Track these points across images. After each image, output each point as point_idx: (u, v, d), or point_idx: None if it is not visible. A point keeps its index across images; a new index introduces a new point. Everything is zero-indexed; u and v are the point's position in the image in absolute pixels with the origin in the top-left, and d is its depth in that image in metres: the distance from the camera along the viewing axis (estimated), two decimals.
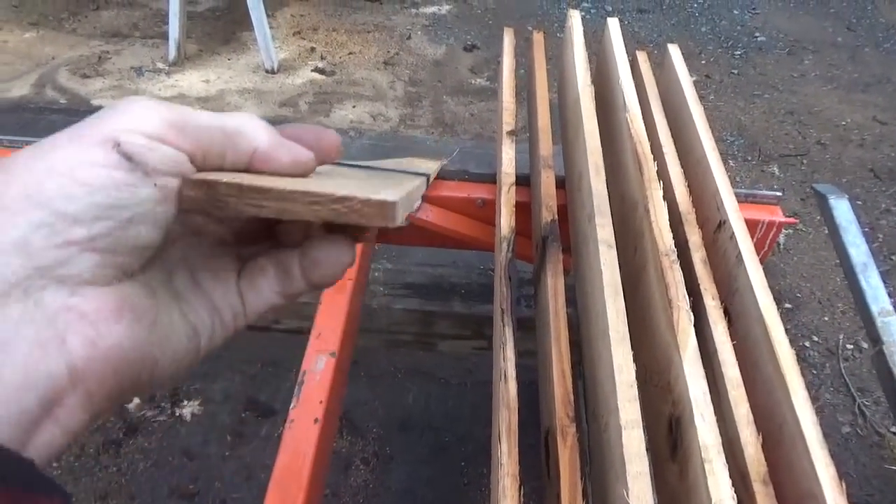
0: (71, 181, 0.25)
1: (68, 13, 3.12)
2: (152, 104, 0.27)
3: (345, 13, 3.34)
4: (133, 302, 0.27)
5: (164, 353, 0.29)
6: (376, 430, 1.45)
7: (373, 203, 0.28)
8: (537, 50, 1.03)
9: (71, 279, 0.25)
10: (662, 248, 0.61)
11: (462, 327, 1.09)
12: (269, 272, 0.34)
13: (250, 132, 0.30)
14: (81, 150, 0.25)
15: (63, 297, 0.25)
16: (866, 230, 2.12)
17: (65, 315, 0.25)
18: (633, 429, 0.47)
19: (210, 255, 0.34)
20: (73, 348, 0.25)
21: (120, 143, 0.26)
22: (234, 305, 0.34)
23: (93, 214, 0.25)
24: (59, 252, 0.24)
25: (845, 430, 1.53)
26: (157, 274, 0.30)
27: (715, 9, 3.72)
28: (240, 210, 0.28)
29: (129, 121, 0.26)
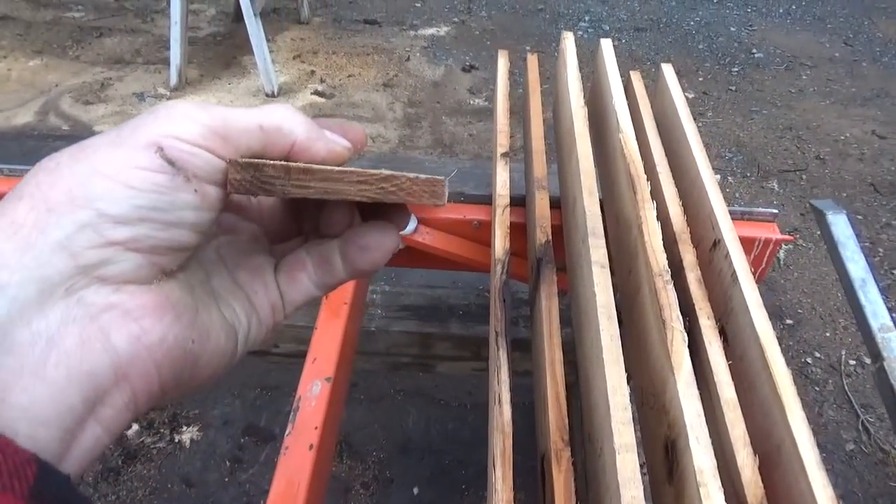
0: (115, 183, 0.25)
1: (72, 41, 3.16)
2: (193, 109, 0.28)
3: (344, 36, 3.37)
4: (174, 299, 0.28)
5: (205, 350, 0.29)
6: (376, 454, 1.44)
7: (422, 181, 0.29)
8: (531, 71, 1.04)
9: (113, 278, 0.26)
10: (656, 268, 0.61)
11: (461, 349, 1.09)
12: (307, 265, 0.35)
13: (287, 126, 0.30)
14: (125, 153, 0.26)
15: (106, 295, 0.25)
16: (867, 245, 2.13)
17: (108, 312, 0.25)
18: (628, 452, 0.47)
19: (246, 252, 0.34)
20: (117, 344, 0.25)
21: (163, 148, 0.26)
22: (273, 300, 0.34)
23: (136, 216, 0.25)
24: (102, 252, 0.25)
25: (849, 448, 1.51)
26: (195, 273, 0.31)
27: (712, 26, 3.75)
28: (286, 191, 0.28)
29: (171, 126, 0.27)
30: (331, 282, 0.35)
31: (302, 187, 0.28)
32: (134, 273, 0.26)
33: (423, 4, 3.79)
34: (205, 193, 0.27)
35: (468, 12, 3.75)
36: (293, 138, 0.30)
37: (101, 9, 3.48)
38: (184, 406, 1.51)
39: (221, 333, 0.31)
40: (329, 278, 0.35)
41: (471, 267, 0.95)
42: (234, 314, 0.32)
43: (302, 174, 0.28)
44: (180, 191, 0.27)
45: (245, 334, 0.33)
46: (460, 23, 3.62)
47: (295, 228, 0.37)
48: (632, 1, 4.02)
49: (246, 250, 0.34)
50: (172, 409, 1.50)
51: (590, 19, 3.75)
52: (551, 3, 3.91)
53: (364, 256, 0.34)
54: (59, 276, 0.24)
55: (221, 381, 1.53)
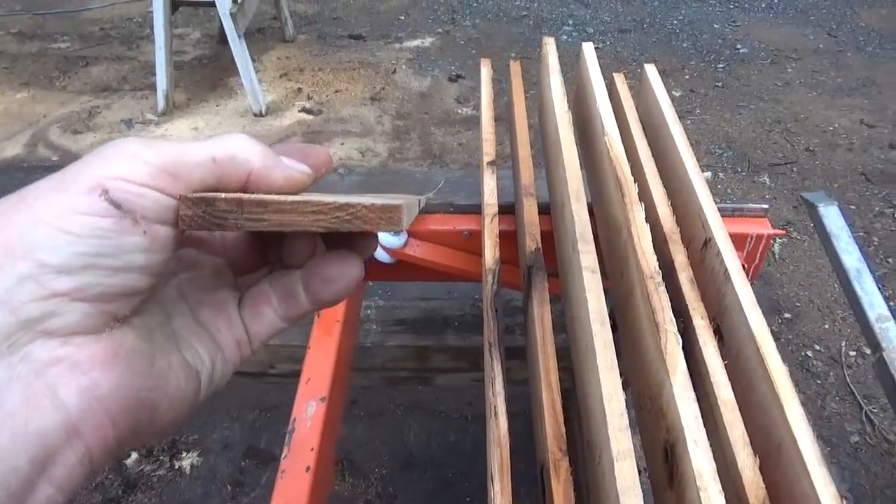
0: (56, 231, 0.24)
1: (59, 71, 3.16)
2: (140, 148, 0.27)
3: (329, 52, 3.38)
4: (127, 347, 0.27)
5: (163, 397, 0.28)
6: (378, 471, 1.43)
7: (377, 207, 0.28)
8: (515, 78, 1.04)
9: (59, 330, 0.24)
10: (647, 270, 0.61)
11: (458, 360, 1.08)
12: (271, 298, 0.34)
13: (242, 156, 0.30)
14: (67, 198, 0.25)
15: (52, 349, 0.24)
16: (861, 234, 2.13)
17: (55, 367, 0.24)
18: (626, 460, 0.46)
19: (208, 288, 0.33)
20: (66, 400, 0.24)
21: (108, 191, 0.25)
22: (238, 336, 0.33)
23: (79, 264, 0.24)
24: (45, 304, 0.24)
25: (854, 440, 1.50)
26: (154, 316, 0.30)
27: (695, 24, 3.77)
28: (240, 225, 0.27)
29: (117, 167, 0.26)
30: (295, 314, 0.34)
31: (256, 220, 0.27)
32: (81, 323, 0.25)
33: (406, 17, 3.81)
34: (155, 235, 0.26)
35: (452, 22, 3.76)
36: (249, 167, 0.30)
37: (86, 38, 3.49)
38: (182, 431, 1.49)
39: (181, 377, 0.30)
40: (293, 310, 0.34)
41: (464, 277, 0.94)
42: (197, 356, 0.31)
43: (255, 207, 0.27)
44: (128, 234, 0.25)
45: (209, 375, 0.32)
46: (445, 33, 3.63)
47: (260, 259, 0.36)
48: (614, 3, 4.04)
49: (209, 286, 0.33)
50: (171, 435, 1.48)
51: (573, 23, 3.76)
52: (534, 9, 3.93)
53: (327, 288, 0.33)
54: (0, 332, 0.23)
55: (219, 404, 1.52)
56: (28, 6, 3.79)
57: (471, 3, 4.00)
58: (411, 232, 0.90)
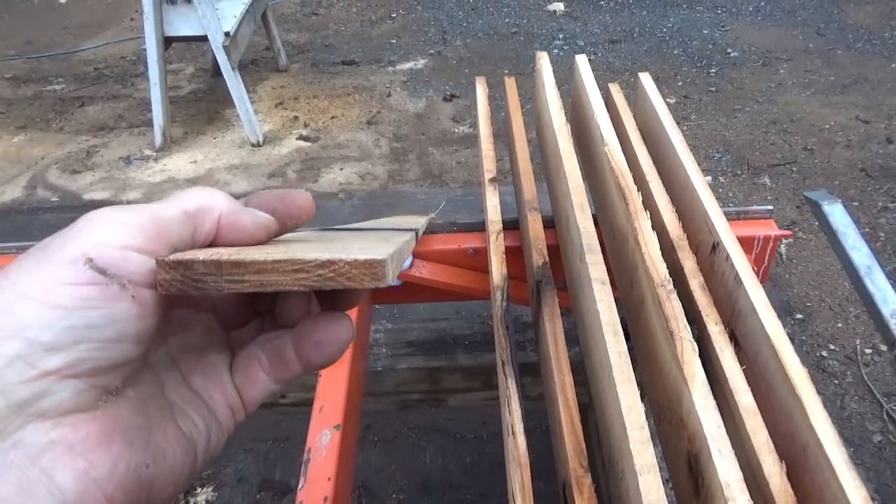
0: (44, 306, 0.23)
1: (55, 113, 3.18)
2: (116, 213, 0.26)
3: (324, 79, 3.40)
4: (123, 422, 0.26)
5: (161, 472, 0.27)
6: (396, 496, 1.41)
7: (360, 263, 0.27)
8: (510, 94, 1.04)
9: (52, 411, 0.24)
10: (657, 279, 0.60)
11: (471, 379, 1.07)
12: (263, 360, 0.33)
13: (208, 204, 0.30)
14: (51, 271, 0.24)
15: (45, 432, 0.23)
16: (867, 230, 2.12)
17: (50, 451, 0.23)
18: (650, 473, 0.45)
19: (199, 351, 0.33)
20: (62, 485, 0.23)
21: (92, 259, 0.24)
22: (231, 402, 0.32)
23: (70, 339, 0.24)
24: (36, 385, 0.23)
25: (877, 440, 1.48)
26: (147, 386, 0.29)
27: (685, 31, 3.79)
28: (220, 288, 0.26)
29: (97, 234, 0.25)
30: (287, 376, 0.33)
31: (236, 282, 0.26)
32: (74, 401, 0.24)
33: (398, 40, 3.84)
34: (143, 299, 0.26)
35: (443, 43, 3.79)
36: (217, 214, 0.30)
37: (80, 79, 3.52)
38: None
39: (178, 450, 0.29)
40: (285, 373, 0.33)
41: (471, 296, 0.94)
42: (192, 424, 0.30)
43: (234, 268, 0.26)
44: (116, 301, 0.25)
45: (205, 444, 0.31)
46: (437, 54, 3.66)
47: (250, 312, 0.35)
48: (603, 15, 4.07)
49: (199, 348, 0.32)
50: None
51: (564, 37, 3.79)
52: (524, 26, 3.96)
53: (318, 352, 0.32)
54: None
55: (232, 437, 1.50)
56: (22, 51, 3.83)
57: (461, 23, 4.04)
58: (416, 253, 0.90)
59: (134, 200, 2.56)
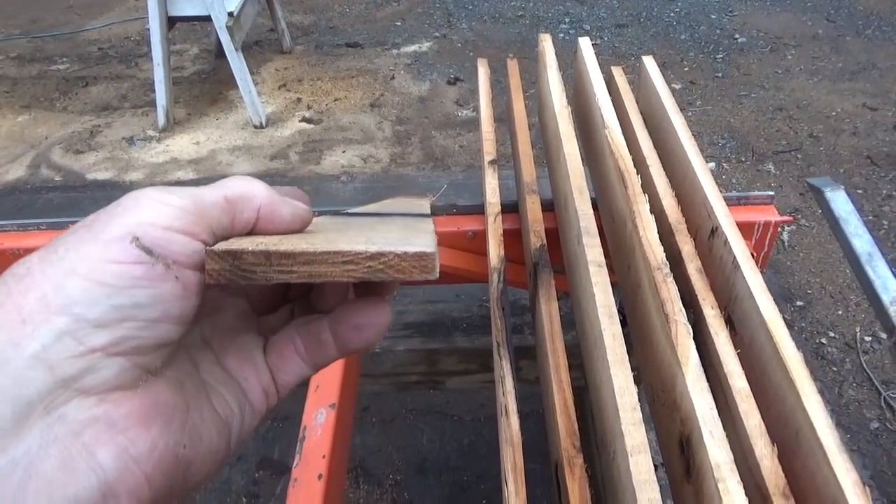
0: (91, 283, 0.24)
1: (59, 93, 3.18)
2: (161, 194, 0.26)
3: (328, 61, 3.38)
4: (162, 402, 0.26)
5: (197, 453, 0.28)
6: (393, 477, 1.42)
7: (410, 256, 0.27)
8: (512, 77, 1.03)
9: (96, 388, 0.24)
10: (654, 262, 0.60)
11: (468, 362, 1.08)
12: (298, 344, 0.33)
13: (249, 193, 0.30)
14: (99, 248, 0.24)
15: (88, 408, 0.23)
16: (870, 218, 2.11)
17: (92, 427, 0.23)
18: (641, 454, 0.45)
19: (233, 333, 0.33)
20: (103, 462, 0.23)
21: (139, 237, 0.25)
22: (265, 385, 0.32)
23: (116, 317, 0.24)
24: (82, 361, 0.23)
25: (874, 426, 1.48)
26: (182, 366, 0.29)
27: (692, 16, 3.76)
28: (269, 278, 0.26)
29: (143, 213, 0.25)
30: (322, 361, 0.34)
31: (285, 273, 0.26)
32: (117, 379, 0.24)
33: (403, 23, 3.81)
34: (186, 280, 0.26)
35: (448, 26, 3.76)
36: (257, 203, 0.30)
37: (85, 59, 3.51)
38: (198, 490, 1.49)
39: (214, 432, 0.29)
40: (321, 358, 0.33)
41: (470, 278, 0.94)
42: (227, 406, 0.30)
43: (284, 259, 0.26)
44: (161, 281, 0.25)
45: (238, 427, 0.31)
46: (442, 37, 3.63)
47: (281, 298, 0.35)
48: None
49: (233, 330, 0.33)
50: None
51: (570, 20, 3.76)
52: (531, 9, 3.93)
53: (357, 336, 0.32)
54: (37, 393, 0.22)
55: None
56: (27, 30, 3.81)
57: (466, 6, 4.00)
58: None
59: (137, 181, 2.56)
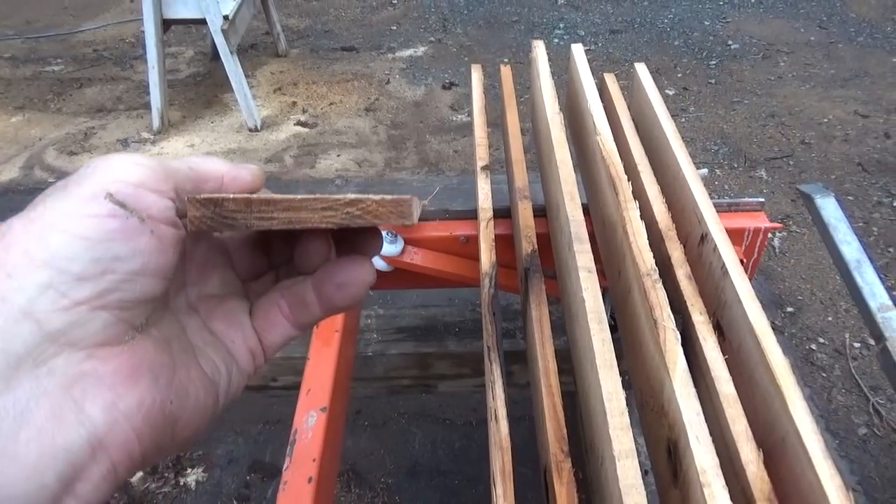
0: (71, 237, 0.24)
1: (53, 94, 3.17)
2: (130, 156, 0.28)
3: (323, 65, 3.39)
4: (149, 359, 0.27)
5: (185, 409, 0.29)
6: (384, 480, 1.42)
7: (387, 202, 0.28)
8: (506, 83, 1.04)
9: (83, 342, 0.25)
10: (643, 268, 0.60)
11: (460, 366, 1.08)
12: (282, 305, 0.34)
13: (212, 165, 0.31)
14: (75, 204, 0.25)
15: (77, 363, 0.24)
16: (860, 225, 2.12)
17: (81, 381, 0.24)
18: (627, 458, 0.46)
19: (218, 299, 0.34)
20: (93, 415, 0.24)
21: (112, 193, 0.26)
22: (251, 346, 0.34)
23: (98, 270, 0.25)
24: (68, 314, 0.24)
25: (862, 432, 1.49)
26: (170, 328, 0.30)
27: (686, 22, 3.78)
28: (249, 224, 0.27)
29: (114, 173, 0.26)
30: (307, 320, 0.35)
31: (265, 219, 0.27)
32: (103, 333, 0.25)
33: (398, 27, 3.82)
34: (162, 235, 0.27)
35: (444, 31, 3.77)
36: (221, 172, 0.31)
37: (79, 60, 3.50)
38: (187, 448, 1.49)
39: (201, 389, 0.30)
40: (305, 317, 0.34)
41: (462, 283, 0.94)
42: (214, 366, 0.31)
43: (264, 205, 0.27)
44: (137, 234, 0.26)
45: (226, 386, 0.32)
46: (437, 42, 3.64)
47: (265, 264, 0.36)
48: (604, 4, 4.05)
49: (218, 296, 0.34)
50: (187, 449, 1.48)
51: (564, 26, 3.77)
52: (525, 15, 3.94)
53: (340, 293, 0.33)
54: (25, 346, 0.23)
55: (223, 419, 1.51)
56: (21, 31, 3.80)
57: (462, 11, 4.02)
58: (408, 239, 0.90)
59: None
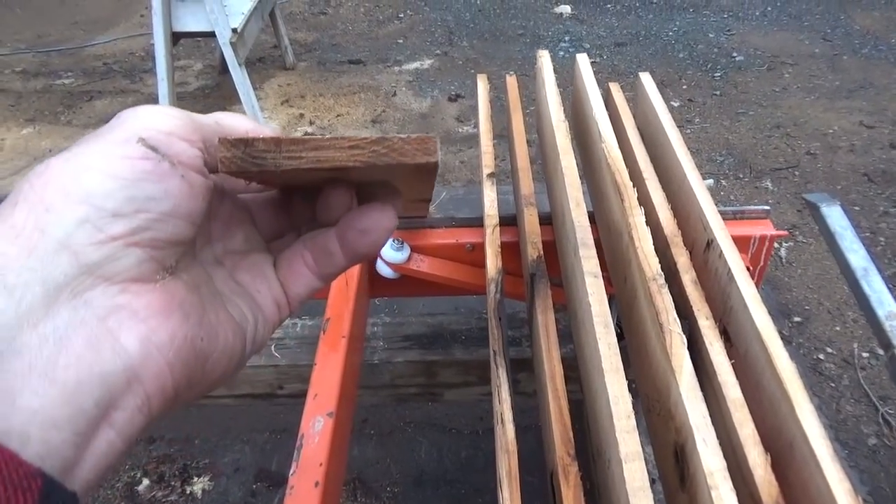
0: (106, 176, 0.25)
1: (63, 107, 3.20)
2: (159, 107, 0.29)
3: (330, 77, 3.41)
4: (180, 298, 0.28)
5: (214, 348, 0.29)
6: (390, 489, 1.41)
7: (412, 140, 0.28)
8: (511, 93, 1.05)
9: (118, 276, 0.25)
10: (649, 273, 0.61)
11: (467, 374, 1.08)
12: (306, 256, 0.35)
13: (238, 121, 0.32)
14: (110, 146, 0.26)
15: (112, 296, 0.25)
16: (867, 235, 2.11)
17: (116, 314, 0.25)
18: (634, 461, 0.46)
19: (242, 253, 0.35)
20: (127, 346, 0.25)
21: (144, 138, 0.27)
22: (276, 297, 0.35)
23: (132, 208, 0.25)
24: (104, 249, 0.25)
25: (872, 442, 1.48)
26: (198, 274, 0.31)
27: (691, 35, 3.79)
28: (278, 164, 0.28)
29: (146, 120, 0.27)
30: (331, 270, 0.36)
31: (294, 158, 0.28)
32: (137, 269, 0.26)
33: (405, 40, 3.85)
34: (192, 180, 0.28)
35: (450, 44, 3.80)
36: (246, 128, 0.32)
37: (90, 73, 3.54)
38: (194, 457, 1.49)
39: (229, 331, 0.31)
40: (329, 267, 0.35)
41: (468, 290, 0.94)
42: (241, 313, 0.32)
43: (293, 145, 0.28)
44: (169, 177, 0.27)
45: (252, 333, 0.33)
46: (443, 54, 3.67)
47: (286, 224, 0.38)
48: (609, 18, 4.08)
49: (243, 252, 0.35)
50: (182, 460, 1.48)
51: (570, 39, 3.80)
52: (531, 28, 3.97)
53: (364, 239, 0.34)
54: (64, 276, 0.24)
55: (230, 428, 1.51)
56: (32, 45, 3.85)
57: (467, 24, 4.05)
58: (414, 246, 0.90)
59: None
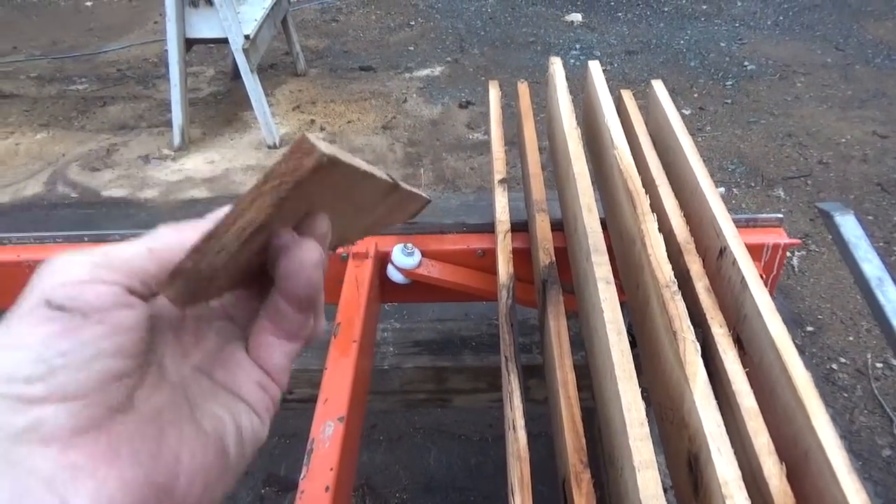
0: (12, 349, 0.25)
1: (77, 112, 3.23)
2: (69, 256, 0.28)
3: (341, 84, 3.43)
4: (128, 437, 0.26)
5: (177, 477, 0.28)
6: (399, 495, 1.41)
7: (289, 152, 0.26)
8: (523, 100, 1.05)
9: (54, 435, 0.24)
10: (662, 280, 0.60)
11: (476, 380, 1.08)
12: (266, 324, 0.33)
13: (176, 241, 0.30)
14: (17, 320, 0.26)
15: (53, 457, 0.24)
16: (881, 245, 2.10)
17: (61, 475, 0.24)
18: (648, 469, 0.45)
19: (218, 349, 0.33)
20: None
21: (49, 300, 0.26)
22: (258, 379, 0.33)
23: (44, 369, 0.25)
24: (28, 414, 0.24)
25: (886, 454, 1.46)
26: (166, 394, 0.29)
27: (702, 43, 3.79)
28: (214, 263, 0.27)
29: (53, 277, 0.27)
30: (292, 327, 0.33)
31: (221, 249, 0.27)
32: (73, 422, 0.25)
33: (416, 48, 3.86)
34: (114, 321, 0.27)
35: (461, 51, 3.81)
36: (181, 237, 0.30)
37: (103, 79, 3.57)
38: None
39: (198, 451, 0.29)
40: (287, 325, 0.33)
41: (479, 296, 0.94)
42: (217, 420, 0.31)
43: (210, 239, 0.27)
44: (82, 328, 0.26)
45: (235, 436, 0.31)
46: (454, 62, 3.68)
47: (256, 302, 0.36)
48: (620, 26, 4.08)
49: (216, 348, 0.33)
50: None
51: (580, 47, 3.80)
52: (542, 36, 3.97)
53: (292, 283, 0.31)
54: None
55: None
56: (47, 51, 3.89)
57: (478, 31, 4.06)
58: (425, 252, 0.90)
59: (151, 198, 2.59)
